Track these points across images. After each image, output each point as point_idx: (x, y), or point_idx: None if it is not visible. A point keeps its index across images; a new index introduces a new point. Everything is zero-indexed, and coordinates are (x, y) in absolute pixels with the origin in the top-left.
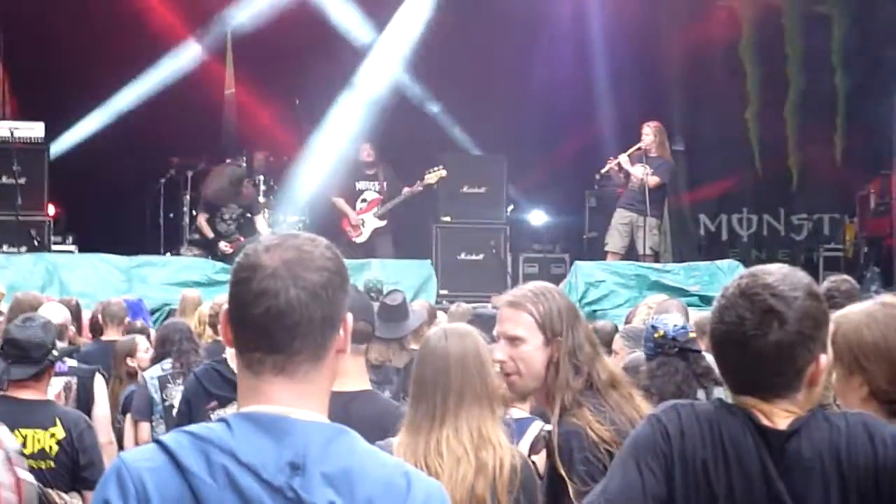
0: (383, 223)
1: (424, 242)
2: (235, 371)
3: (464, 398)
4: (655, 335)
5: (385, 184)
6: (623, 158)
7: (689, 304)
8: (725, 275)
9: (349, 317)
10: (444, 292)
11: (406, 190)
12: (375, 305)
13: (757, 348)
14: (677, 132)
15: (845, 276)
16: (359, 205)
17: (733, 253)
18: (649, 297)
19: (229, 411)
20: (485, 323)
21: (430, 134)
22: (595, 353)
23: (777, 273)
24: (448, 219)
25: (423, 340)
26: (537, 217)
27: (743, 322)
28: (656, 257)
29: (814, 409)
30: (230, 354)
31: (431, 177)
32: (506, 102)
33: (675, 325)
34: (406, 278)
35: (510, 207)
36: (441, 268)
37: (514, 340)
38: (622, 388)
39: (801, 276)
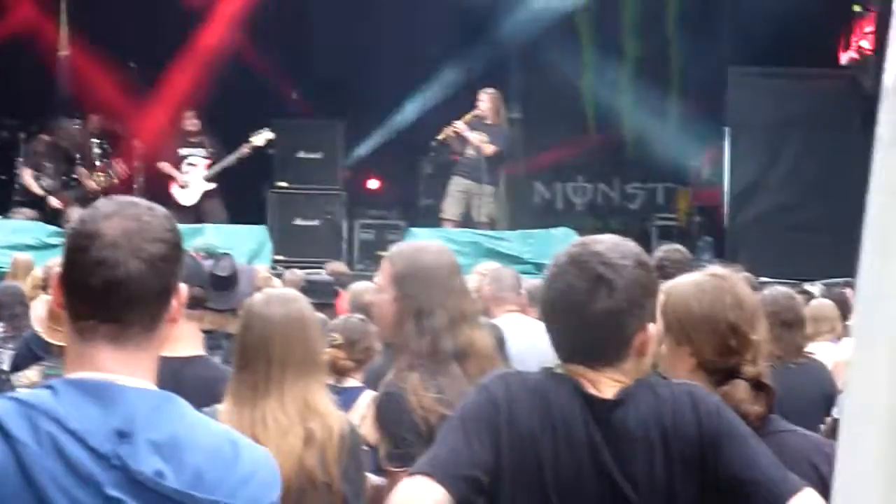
0: (212, 186)
1: (259, 208)
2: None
3: (287, 366)
4: None
5: (212, 150)
6: (459, 125)
7: (524, 272)
8: (559, 243)
9: (183, 286)
10: (280, 258)
11: (232, 156)
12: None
13: (585, 315)
14: (514, 100)
15: (677, 246)
16: (185, 168)
17: (568, 221)
18: (481, 264)
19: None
20: (318, 290)
21: (265, 100)
22: (454, 322)
23: (607, 242)
24: (284, 184)
25: (245, 306)
26: (374, 184)
27: (572, 289)
28: (492, 225)
29: (641, 378)
30: (38, 319)
31: (257, 138)
32: (343, 67)
33: None
34: (240, 244)
35: (346, 174)
36: (276, 234)
37: (378, 287)
38: (476, 361)
39: (630, 245)
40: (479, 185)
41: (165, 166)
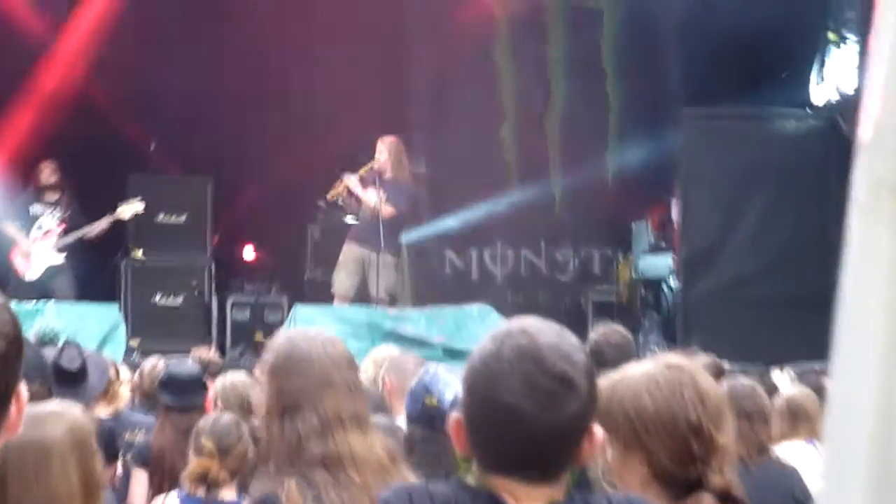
0: (61, 259)
1: (111, 282)
2: None
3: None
4: (426, 400)
5: (69, 212)
6: (352, 181)
7: (431, 358)
8: (476, 322)
9: (23, 387)
10: (135, 343)
11: (91, 227)
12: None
13: (538, 426)
14: (419, 150)
15: (616, 327)
16: (33, 233)
17: (485, 296)
18: (378, 348)
19: None
20: (183, 383)
21: (123, 149)
22: (326, 425)
23: (550, 330)
24: (140, 254)
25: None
26: (249, 252)
27: (525, 394)
28: (392, 301)
29: (570, 490)
30: None
31: (125, 210)
32: (213, 113)
33: (456, 396)
34: (88, 326)
35: (215, 240)
36: (132, 313)
37: (255, 379)
38: (361, 471)
39: (566, 331)
40: (376, 254)
41: (8, 227)
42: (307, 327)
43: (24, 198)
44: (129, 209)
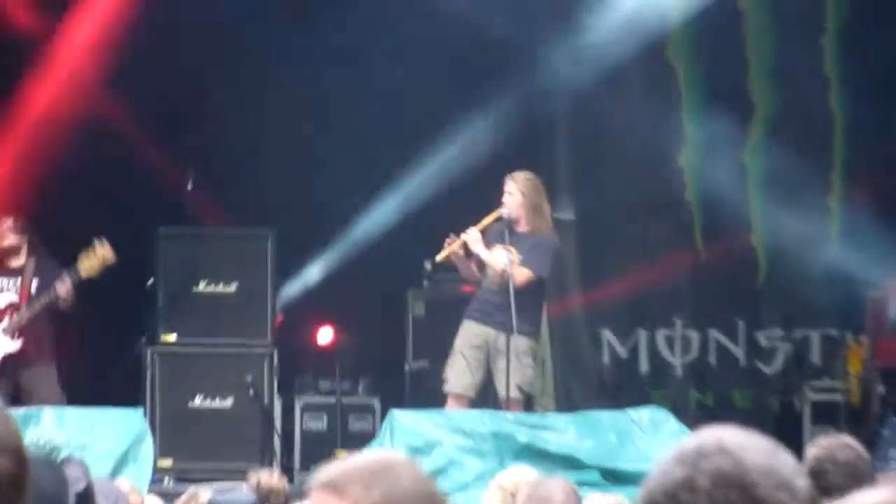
0: (15, 346)
1: (132, 378)
2: None
3: None
4: None
5: (36, 280)
6: (471, 236)
7: (584, 483)
8: (647, 433)
9: None
10: (168, 463)
11: (45, 296)
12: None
13: None
14: (564, 192)
15: (845, 439)
16: None
17: (659, 395)
18: (508, 470)
19: None
20: None
21: (141, 192)
22: None
23: (758, 447)
24: (172, 337)
25: None
26: (326, 335)
27: None
28: (529, 403)
29: None
30: None
31: (88, 263)
32: (273, 145)
33: None
34: (101, 440)
35: (278, 318)
36: (162, 422)
37: None
38: None
39: (780, 448)
40: (505, 336)
41: None
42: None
43: None
44: (93, 261)
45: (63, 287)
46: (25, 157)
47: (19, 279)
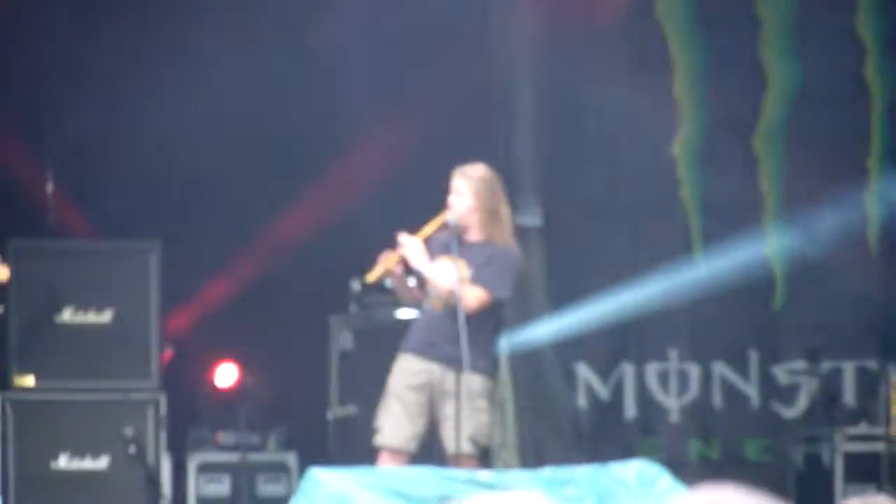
0: None
1: None
2: None
3: None
4: None
5: None
6: (410, 248)
7: None
8: (632, 493)
9: None
10: None
11: None
12: None
13: None
14: (528, 190)
15: (882, 499)
16: None
17: (649, 445)
18: None
19: None
20: None
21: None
22: None
23: None
24: (30, 381)
25: None
26: (227, 375)
27: None
28: (485, 458)
29: None
30: None
31: None
32: (156, 139)
33: None
34: None
35: (167, 354)
36: (17, 486)
37: None
38: None
39: None
40: (455, 374)
41: None
42: None
43: None
44: None
45: None
46: None
47: None
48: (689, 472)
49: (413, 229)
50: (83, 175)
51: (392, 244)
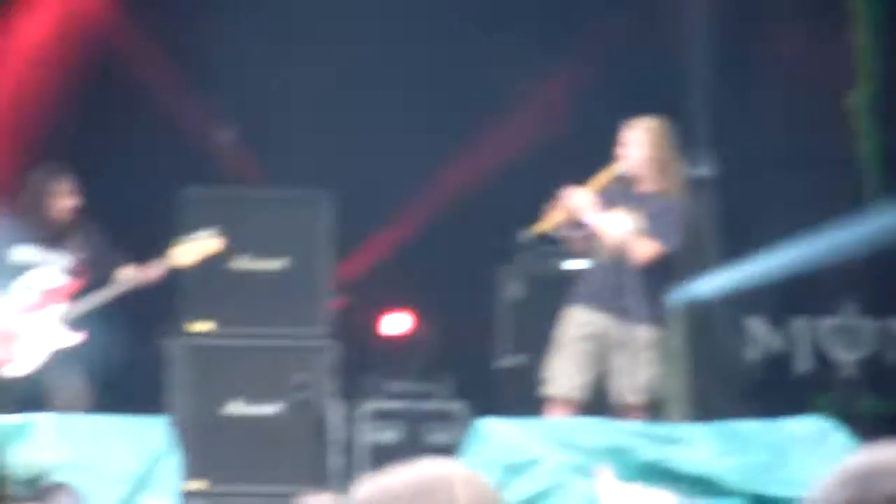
0: (77, 339)
1: (153, 377)
2: None
3: None
4: None
5: (86, 255)
6: (581, 198)
7: None
8: (807, 448)
9: None
10: (198, 486)
11: (127, 275)
12: None
13: None
14: (700, 142)
15: None
16: (22, 295)
17: (823, 400)
18: (632, 495)
19: None
20: None
21: (172, 143)
22: None
23: None
24: (204, 327)
25: None
26: (396, 324)
27: None
28: (655, 409)
29: None
30: None
31: (184, 252)
32: (334, 88)
33: None
34: (113, 458)
35: (339, 302)
36: (191, 432)
37: None
38: None
39: None
40: (625, 326)
41: None
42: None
43: (5, 230)
44: (193, 250)
45: (153, 273)
46: (12, 109)
47: (66, 253)
48: (860, 428)
49: (584, 180)
50: (258, 125)
51: (563, 195)
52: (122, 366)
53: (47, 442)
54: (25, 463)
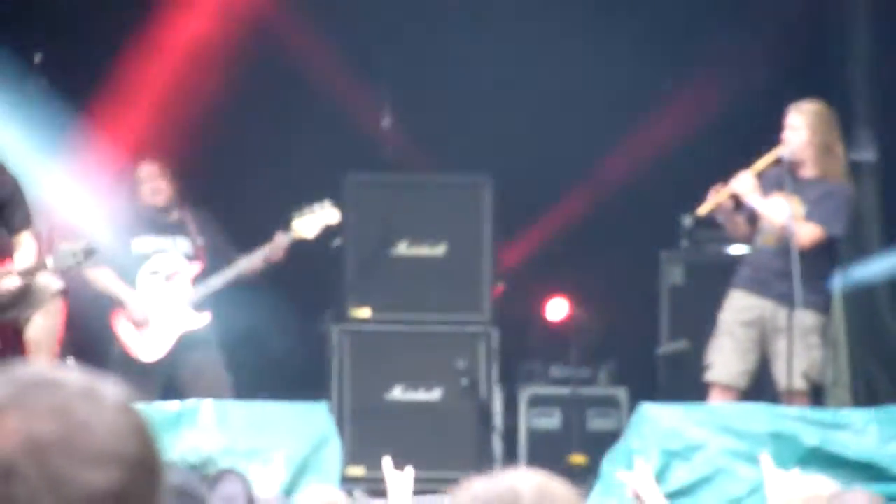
0: (204, 319)
1: (314, 364)
2: None
3: None
4: None
5: (203, 240)
6: (743, 182)
7: (892, 499)
8: None
9: None
10: (359, 472)
11: (250, 259)
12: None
13: None
14: (864, 125)
15: None
16: (147, 281)
17: None
18: (793, 478)
19: None
20: None
21: (322, 132)
22: None
23: None
24: (365, 312)
25: None
26: (559, 309)
27: None
28: (817, 395)
29: None
30: None
31: (306, 223)
32: (476, 85)
33: None
34: (274, 442)
35: (499, 289)
36: (351, 417)
37: None
38: None
39: None
40: (787, 310)
41: (103, 276)
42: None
43: (125, 221)
44: (312, 222)
45: (276, 251)
46: (175, 92)
47: (185, 238)
48: None
49: (746, 164)
50: (419, 110)
51: (724, 179)
52: (285, 352)
53: (209, 428)
54: (190, 449)
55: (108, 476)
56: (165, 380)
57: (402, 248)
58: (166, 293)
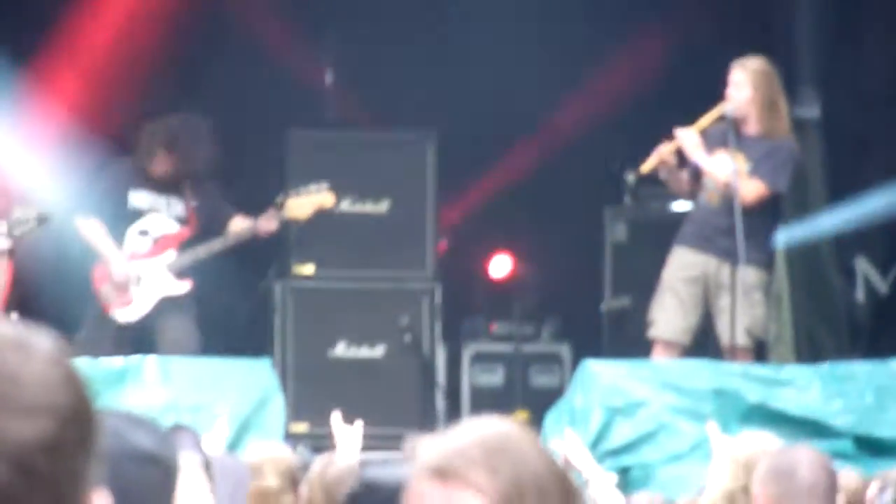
0: (184, 287)
1: (259, 322)
2: None
3: None
4: None
5: (197, 203)
6: (686, 139)
7: (834, 455)
8: None
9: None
10: (302, 428)
11: (239, 227)
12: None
13: None
14: (807, 82)
15: None
16: (135, 241)
17: None
18: (735, 438)
19: None
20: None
21: (276, 83)
22: None
23: None
24: (309, 269)
25: None
26: (502, 266)
27: None
28: (760, 351)
29: None
30: None
31: (300, 203)
32: (425, 22)
33: None
34: (218, 400)
35: (442, 245)
36: (295, 374)
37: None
38: None
39: None
40: (728, 267)
41: (91, 229)
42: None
43: (120, 179)
44: (306, 203)
45: (265, 226)
46: (117, 50)
47: (179, 199)
48: None
49: (689, 121)
50: (361, 66)
51: (668, 136)
52: (228, 309)
53: (154, 384)
54: (134, 405)
55: (38, 427)
56: (139, 342)
57: (346, 205)
58: (151, 256)
